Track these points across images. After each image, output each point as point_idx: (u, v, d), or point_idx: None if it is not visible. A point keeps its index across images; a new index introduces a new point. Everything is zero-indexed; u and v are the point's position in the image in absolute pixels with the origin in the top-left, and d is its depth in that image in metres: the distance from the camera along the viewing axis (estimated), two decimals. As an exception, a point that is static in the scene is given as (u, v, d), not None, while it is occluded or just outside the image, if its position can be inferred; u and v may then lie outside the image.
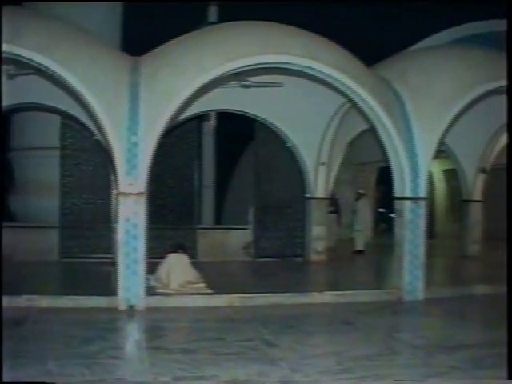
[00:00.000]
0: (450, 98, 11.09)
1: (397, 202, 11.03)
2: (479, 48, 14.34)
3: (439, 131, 10.95)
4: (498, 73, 11.52)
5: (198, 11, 19.72)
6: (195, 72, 9.64)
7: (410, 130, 10.80)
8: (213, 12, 19.33)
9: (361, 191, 19.04)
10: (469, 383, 6.00)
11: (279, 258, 15.22)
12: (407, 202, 10.73)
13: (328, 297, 10.52)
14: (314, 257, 15.31)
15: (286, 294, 10.39)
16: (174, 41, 10.68)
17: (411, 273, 10.72)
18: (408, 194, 10.71)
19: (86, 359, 6.45)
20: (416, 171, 10.71)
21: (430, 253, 17.08)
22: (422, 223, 10.82)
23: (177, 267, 10.45)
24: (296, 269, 14.39)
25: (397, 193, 10.98)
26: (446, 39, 19.82)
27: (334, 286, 11.93)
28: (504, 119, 15.39)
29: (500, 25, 21.37)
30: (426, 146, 10.81)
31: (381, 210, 25.42)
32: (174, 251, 10.84)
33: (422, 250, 10.83)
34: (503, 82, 11.51)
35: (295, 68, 10.26)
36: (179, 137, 14.66)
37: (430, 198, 26.92)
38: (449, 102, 11.05)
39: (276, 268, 14.08)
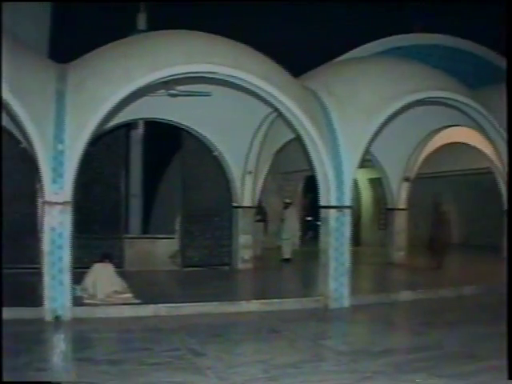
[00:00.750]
0: (375, 108, 11.34)
1: (322, 210, 11.15)
2: (402, 60, 14.76)
3: (364, 141, 11.16)
4: (419, 85, 11.91)
5: (126, 19, 19.48)
6: (122, 80, 9.54)
7: (335, 140, 10.97)
8: (142, 20, 19.13)
9: (288, 200, 19.20)
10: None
11: (206, 267, 15.13)
12: (332, 211, 10.87)
13: (255, 305, 10.54)
14: (241, 265, 15.31)
15: (213, 303, 10.34)
16: (101, 48, 10.54)
17: (337, 280, 10.86)
18: (333, 202, 10.85)
19: (12, 372, 6.22)
20: (341, 180, 10.87)
21: (356, 260, 17.35)
22: (346, 231, 10.98)
23: (103, 277, 10.28)
24: (223, 277, 14.35)
25: (322, 201, 11.10)
26: (371, 51, 20.25)
27: (261, 295, 11.93)
28: (428, 129, 15.97)
29: (423, 38, 22.13)
30: (351, 155, 11.00)
31: (308, 218, 25.68)
32: (100, 261, 10.67)
33: (347, 257, 10.99)
34: (425, 94, 11.92)
35: (220, 77, 10.30)
36: (106, 145, 14.38)
37: (357, 206, 27.50)
38: (373, 112, 11.30)
39: (203, 277, 13.99)
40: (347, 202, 10.97)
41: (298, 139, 11.44)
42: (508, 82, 6.34)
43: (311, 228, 24.37)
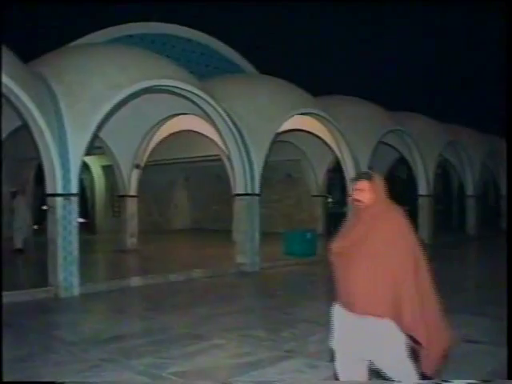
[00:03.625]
0: (102, 96, 11.33)
1: (49, 198, 10.89)
2: (132, 48, 14.86)
3: (91, 129, 11.08)
4: (147, 73, 12.10)
5: None
6: None
7: (62, 127, 10.75)
8: None
9: (14, 189, 18.34)
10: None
11: None
12: (59, 199, 10.67)
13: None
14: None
15: None
16: None
17: (66, 269, 10.68)
18: (59, 190, 10.64)
19: None
20: (67, 168, 10.68)
21: (90, 248, 17.18)
22: (74, 219, 10.85)
23: None
24: None
25: (49, 189, 10.83)
26: (104, 38, 20.09)
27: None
28: (158, 117, 16.26)
29: (153, 27, 22.47)
30: (77, 143, 10.86)
31: (43, 207, 24.78)
32: None
33: (75, 246, 10.86)
34: (153, 83, 12.14)
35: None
36: None
37: (91, 194, 27.19)
38: (100, 100, 11.28)
39: None
40: (74, 189, 10.83)
41: (26, 126, 10.97)
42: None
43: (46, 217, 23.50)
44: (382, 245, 3.89)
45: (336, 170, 21.69)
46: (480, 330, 7.66)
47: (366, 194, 4.03)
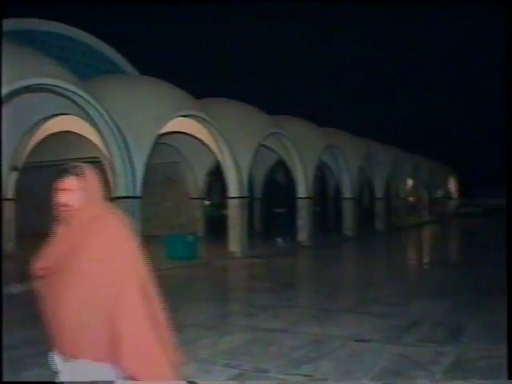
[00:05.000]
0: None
1: None
2: (9, 45, 14.31)
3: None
4: (26, 71, 11.73)
5: None
6: None
7: None
8: None
9: None
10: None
11: None
12: None
13: None
14: None
15: None
16: None
17: None
18: None
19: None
20: None
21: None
22: None
23: None
24: None
25: None
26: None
27: None
28: (36, 117, 15.73)
29: (34, 24, 21.77)
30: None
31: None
32: None
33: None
34: (32, 81, 11.77)
35: None
36: None
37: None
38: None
39: None
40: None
41: None
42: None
43: None
44: (92, 264, 2.93)
45: (216, 172, 21.89)
46: (368, 328, 7.81)
47: (74, 195, 3.02)
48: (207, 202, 26.70)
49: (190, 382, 5.34)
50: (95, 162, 19.24)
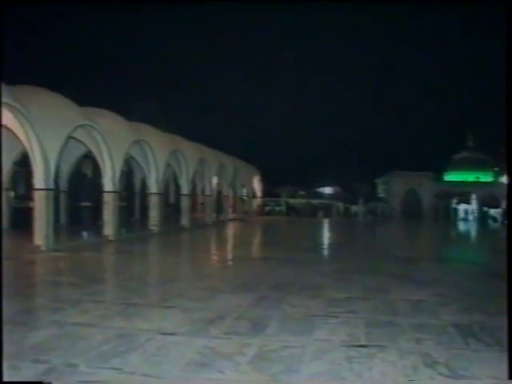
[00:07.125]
0: None
1: None
2: None
3: None
4: None
5: None
6: None
7: None
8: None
9: None
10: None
11: None
12: None
13: None
14: None
15: None
16: None
17: None
18: None
19: None
20: None
21: None
22: None
23: None
24: None
25: None
26: None
27: None
28: None
29: None
30: None
31: None
32: None
33: None
34: None
35: None
36: None
37: None
38: None
39: None
40: None
41: None
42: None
43: None
44: None
45: (22, 163, 20.99)
46: (172, 322, 7.99)
47: None
48: (12, 193, 25.49)
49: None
50: None
